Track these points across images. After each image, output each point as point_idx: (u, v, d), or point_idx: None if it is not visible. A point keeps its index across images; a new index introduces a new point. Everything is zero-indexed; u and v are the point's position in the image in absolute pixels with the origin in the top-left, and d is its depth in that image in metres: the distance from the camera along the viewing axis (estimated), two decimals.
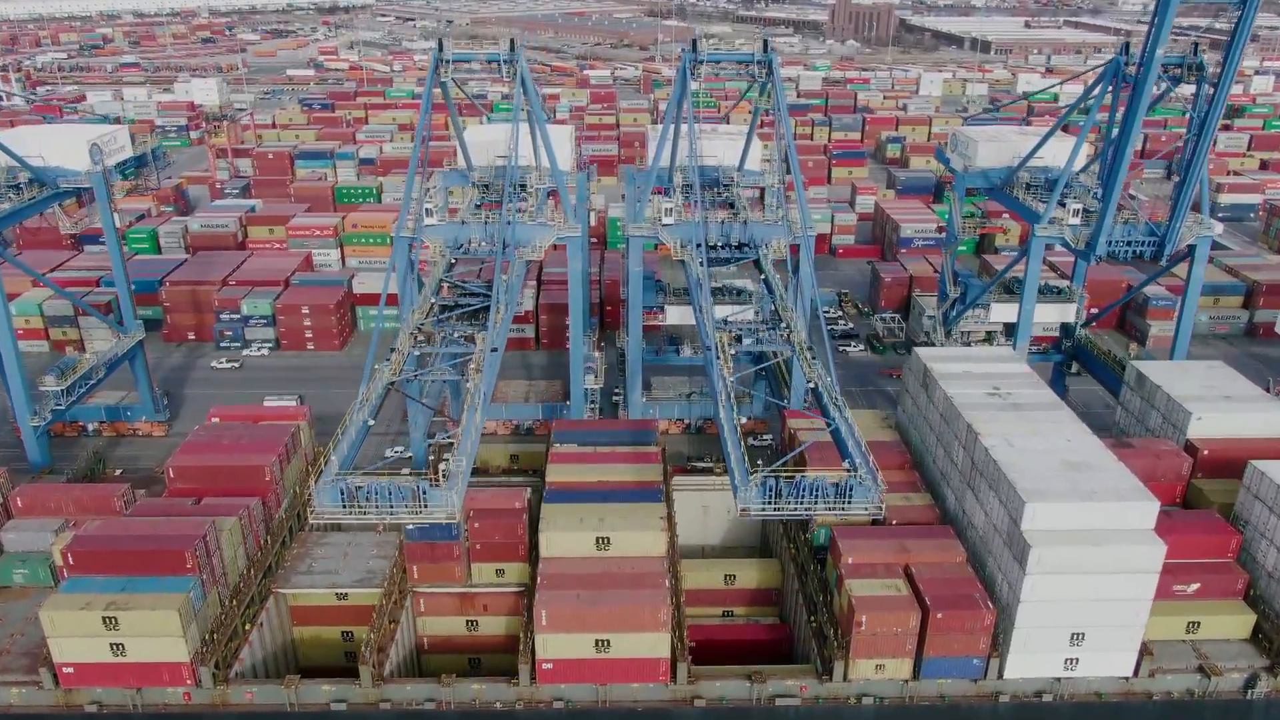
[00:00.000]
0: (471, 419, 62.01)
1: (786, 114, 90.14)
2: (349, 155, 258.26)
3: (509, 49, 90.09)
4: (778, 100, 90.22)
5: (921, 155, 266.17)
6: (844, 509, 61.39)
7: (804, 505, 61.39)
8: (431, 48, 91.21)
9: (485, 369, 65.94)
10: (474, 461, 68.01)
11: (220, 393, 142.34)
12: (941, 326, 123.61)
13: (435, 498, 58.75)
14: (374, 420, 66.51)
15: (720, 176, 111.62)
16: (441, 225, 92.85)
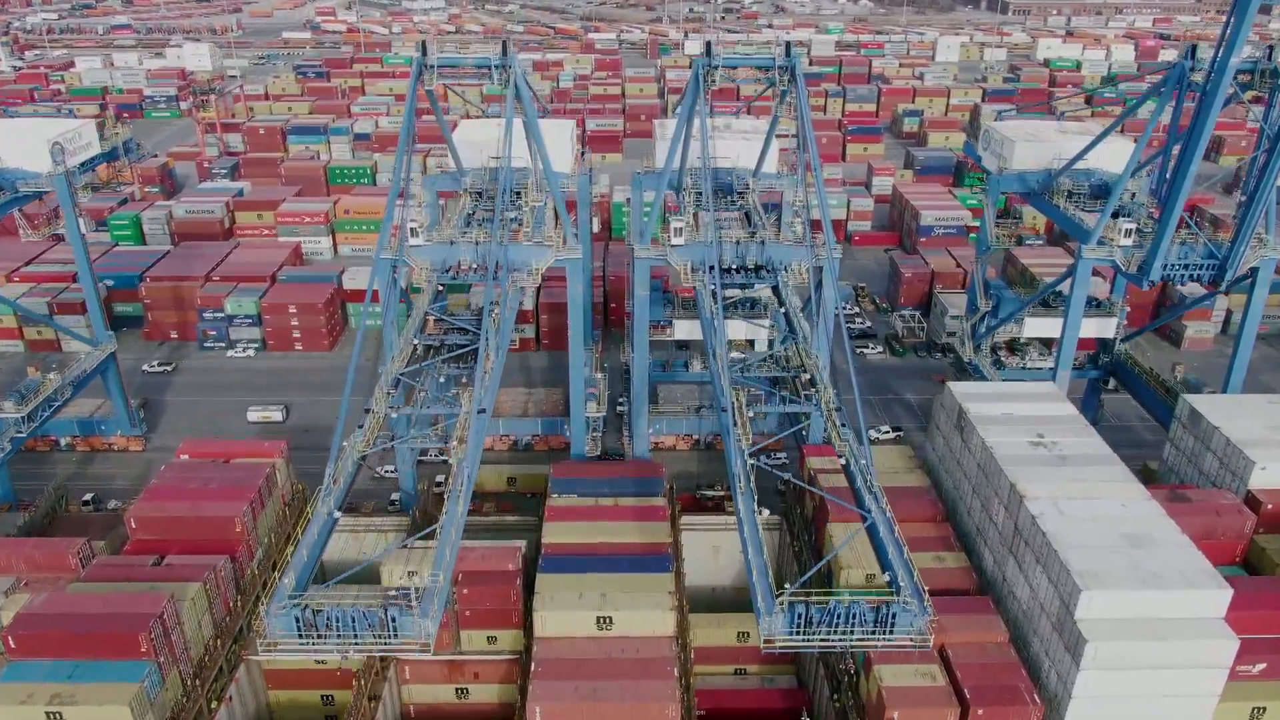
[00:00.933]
0: (454, 511, 53.96)
1: (810, 125, 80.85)
2: (343, 130, 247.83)
3: (501, 52, 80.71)
4: (800, 111, 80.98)
5: (940, 131, 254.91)
6: (885, 639, 53.58)
7: (838, 634, 53.44)
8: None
9: (471, 439, 58.04)
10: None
11: (202, 400, 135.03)
12: (970, 340, 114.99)
13: (407, 626, 51.12)
14: (340, 513, 58.57)
15: (734, 182, 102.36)
16: (427, 246, 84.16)
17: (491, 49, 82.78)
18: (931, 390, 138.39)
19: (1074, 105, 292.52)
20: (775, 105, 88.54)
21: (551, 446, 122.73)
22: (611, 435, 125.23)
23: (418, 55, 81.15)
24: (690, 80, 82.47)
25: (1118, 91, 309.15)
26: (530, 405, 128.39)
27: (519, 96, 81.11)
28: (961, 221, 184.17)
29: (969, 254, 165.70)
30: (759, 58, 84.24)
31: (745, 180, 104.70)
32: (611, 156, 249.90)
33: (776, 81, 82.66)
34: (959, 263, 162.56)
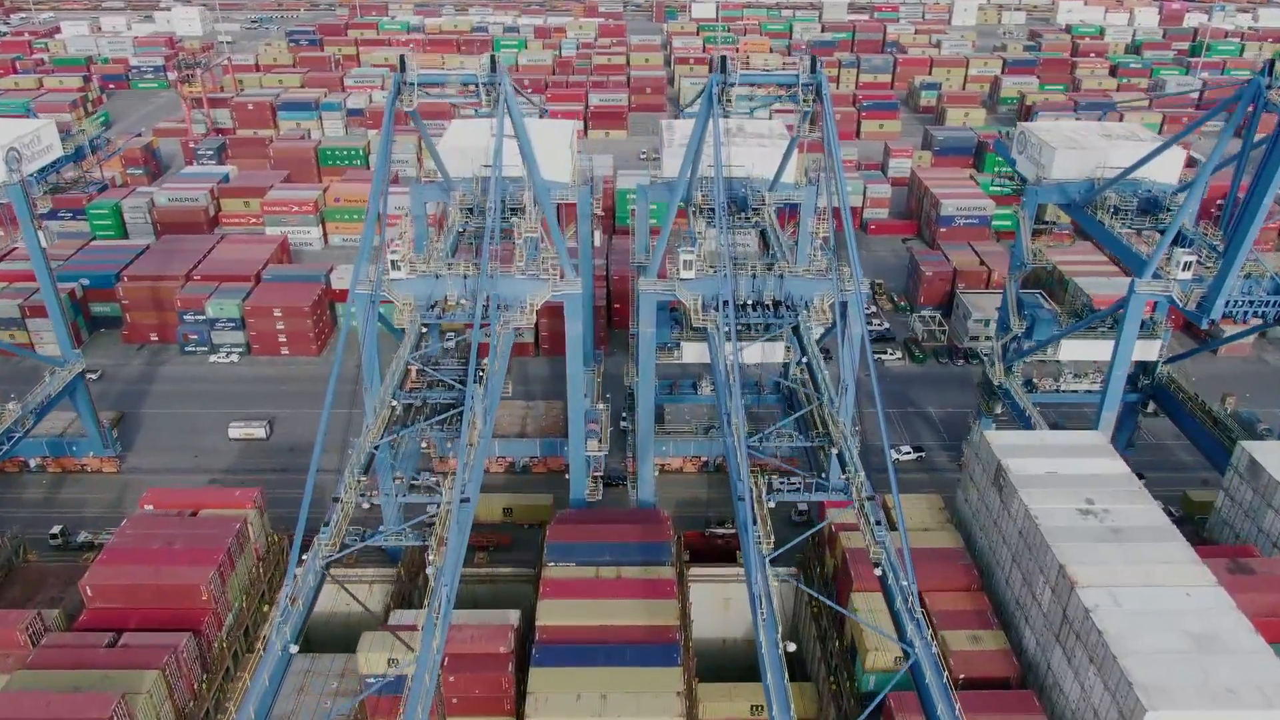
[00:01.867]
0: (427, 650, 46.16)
1: (837, 148, 71.92)
2: (335, 106, 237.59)
3: (489, 67, 71.78)
4: (828, 134, 72.06)
5: (959, 106, 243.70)
6: None
7: None
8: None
9: (452, 539, 50.46)
10: None
11: (182, 413, 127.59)
12: (1000, 361, 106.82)
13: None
14: (297, 647, 50.95)
15: (748, 195, 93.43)
16: (409, 280, 75.90)
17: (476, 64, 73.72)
18: (955, 402, 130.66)
19: (1098, 75, 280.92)
20: (798, 124, 79.22)
21: (551, 469, 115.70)
22: (615, 454, 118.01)
23: (395, 73, 72.13)
24: (703, 100, 73.46)
25: (1143, 61, 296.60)
26: (529, 421, 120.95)
27: (511, 117, 72.17)
28: (984, 211, 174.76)
29: (994, 251, 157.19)
30: (780, 74, 75.07)
31: (760, 193, 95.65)
32: (616, 134, 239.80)
33: (800, 100, 73.51)
34: (983, 259, 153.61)
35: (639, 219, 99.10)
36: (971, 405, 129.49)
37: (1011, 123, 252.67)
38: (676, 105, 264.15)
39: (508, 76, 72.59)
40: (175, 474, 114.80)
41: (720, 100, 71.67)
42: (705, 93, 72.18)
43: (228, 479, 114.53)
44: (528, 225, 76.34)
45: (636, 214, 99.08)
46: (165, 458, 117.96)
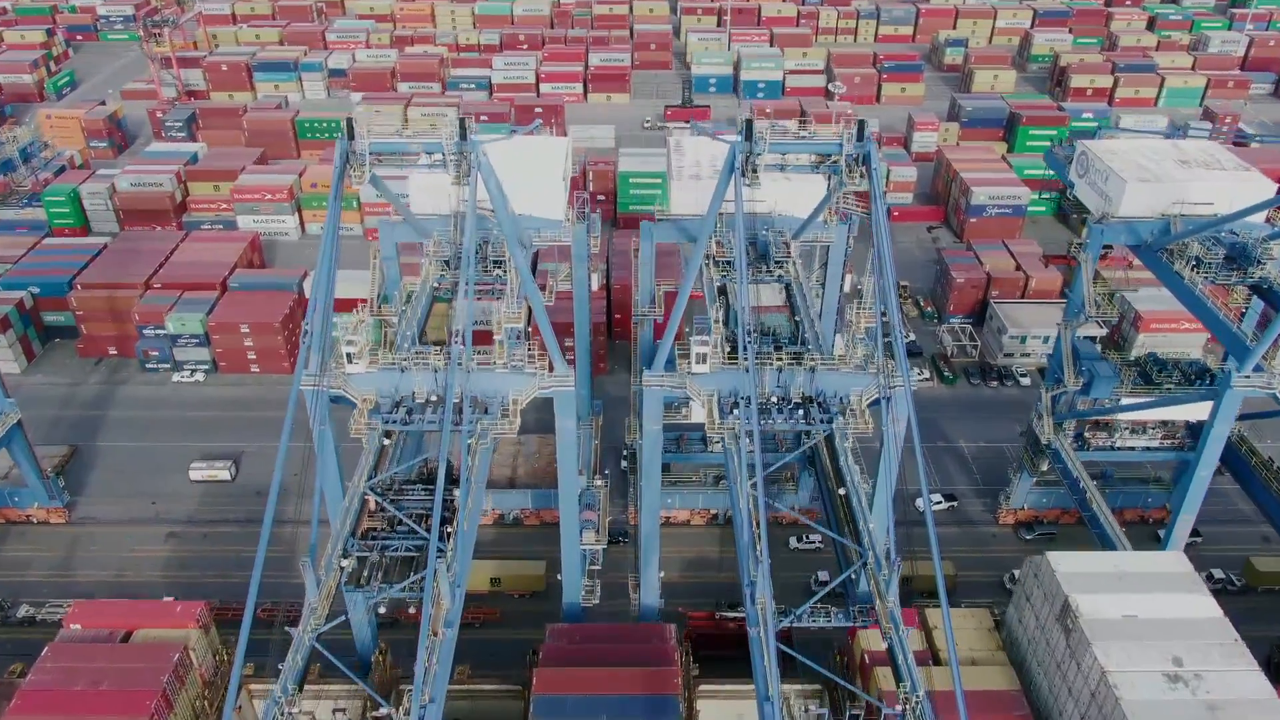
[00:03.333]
0: None
1: (886, 235, 58.80)
2: (316, 67, 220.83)
3: (458, 132, 58.28)
4: (876, 218, 58.82)
5: (988, 67, 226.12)
6: None
7: None
8: None
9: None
10: None
11: (139, 446, 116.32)
12: (1049, 416, 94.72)
13: None
14: None
15: (771, 240, 79.89)
16: (369, 374, 63.56)
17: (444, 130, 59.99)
18: (989, 434, 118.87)
19: (1134, 28, 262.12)
20: (835, 194, 65.76)
21: (545, 520, 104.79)
22: (617, 500, 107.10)
23: (342, 139, 58.66)
24: (724, 168, 59.97)
25: (1183, 12, 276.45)
26: (519, 462, 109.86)
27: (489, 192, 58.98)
28: (1019, 201, 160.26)
29: (1031, 253, 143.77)
30: (820, 143, 61.23)
31: (783, 232, 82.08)
32: (618, 97, 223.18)
33: (843, 172, 60.01)
34: (1019, 263, 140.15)
35: (643, 265, 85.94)
36: (1007, 438, 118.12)
37: (1043, 84, 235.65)
38: (682, 62, 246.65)
39: (480, 144, 58.82)
40: (131, 526, 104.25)
41: (744, 172, 57.96)
42: (726, 163, 58.60)
43: (187, 532, 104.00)
44: (509, 314, 63.50)
45: (639, 258, 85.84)
46: (120, 506, 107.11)
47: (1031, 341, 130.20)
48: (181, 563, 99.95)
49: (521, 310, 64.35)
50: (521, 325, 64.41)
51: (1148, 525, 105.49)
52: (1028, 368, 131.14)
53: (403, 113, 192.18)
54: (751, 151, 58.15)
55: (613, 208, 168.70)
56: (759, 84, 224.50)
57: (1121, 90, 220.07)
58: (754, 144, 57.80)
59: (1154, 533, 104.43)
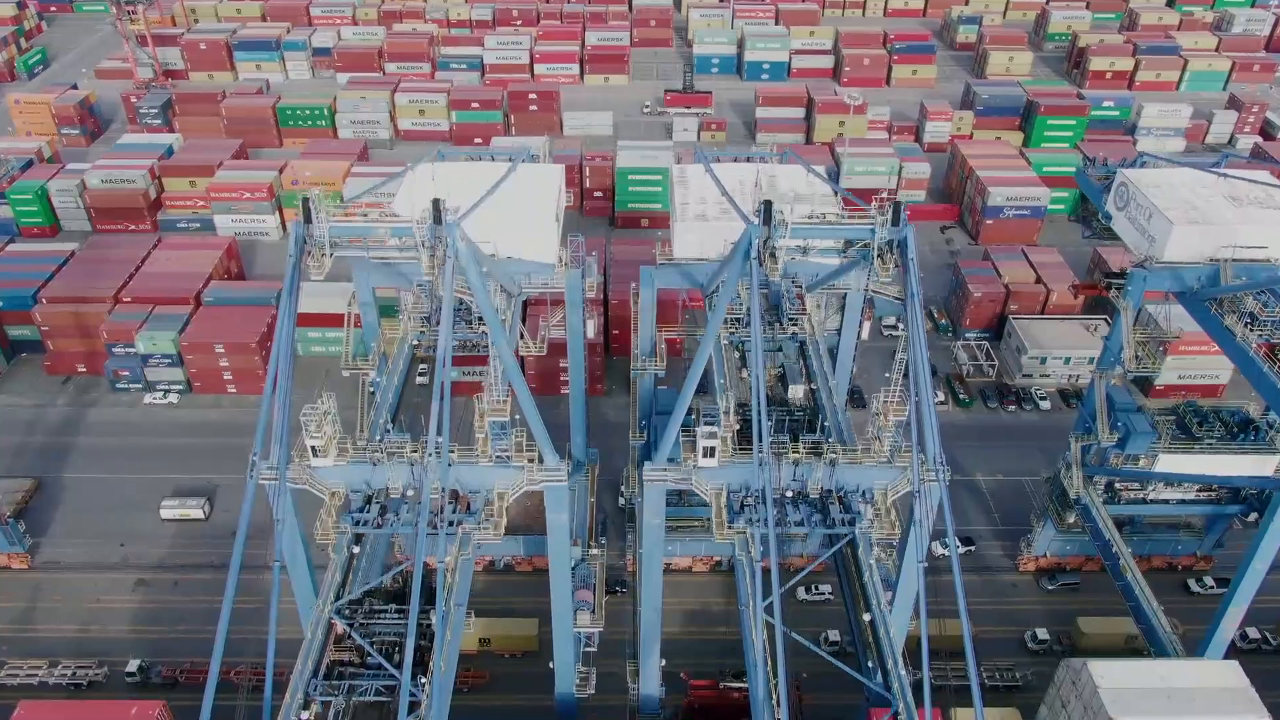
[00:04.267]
0: None
1: (921, 335, 51.69)
2: (300, 45, 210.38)
3: (432, 215, 50.72)
4: (912, 315, 51.55)
5: (1003, 48, 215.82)
6: None
7: None
8: None
9: None
10: None
11: (108, 478, 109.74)
12: (1079, 469, 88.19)
13: None
14: None
15: (784, 292, 72.56)
16: (334, 468, 56.68)
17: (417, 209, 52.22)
18: (1008, 465, 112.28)
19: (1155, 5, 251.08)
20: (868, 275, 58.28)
21: (538, 567, 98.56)
22: (615, 539, 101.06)
23: (297, 222, 51.05)
24: (736, 253, 52.48)
25: None
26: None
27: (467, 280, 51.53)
28: (1038, 202, 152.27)
29: (1052, 263, 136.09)
30: (849, 227, 53.67)
31: (798, 281, 74.80)
32: (616, 78, 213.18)
33: (873, 258, 52.59)
34: (1039, 275, 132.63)
35: (643, 312, 78.53)
36: (1027, 471, 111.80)
37: (1060, 65, 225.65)
38: (683, 39, 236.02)
39: (458, 228, 51.19)
40: (97, 573, 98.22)
41: (761, 261, 50.55)
42: (739, 248, 51.19)
43: (158, 578, 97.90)
44: (492, 404, 56.44)
45: (639, 304, 78.39)
46: (86, 548, 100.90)
47: (1052, 362, 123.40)
48: (151, 615, 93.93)
49: (506, 401, 57.26)
50: (507, 419, 57.33)
51: (1176, 572, 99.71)
52: (1047, 389, 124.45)
53: (390, 99, 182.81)
54: (770, 236, 50.60)
55: (610, 205, 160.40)
56: (763, 65, 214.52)
57: (1142, 73, 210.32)
58: (772, 230, 50.30)
59: (1183, 581, 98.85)
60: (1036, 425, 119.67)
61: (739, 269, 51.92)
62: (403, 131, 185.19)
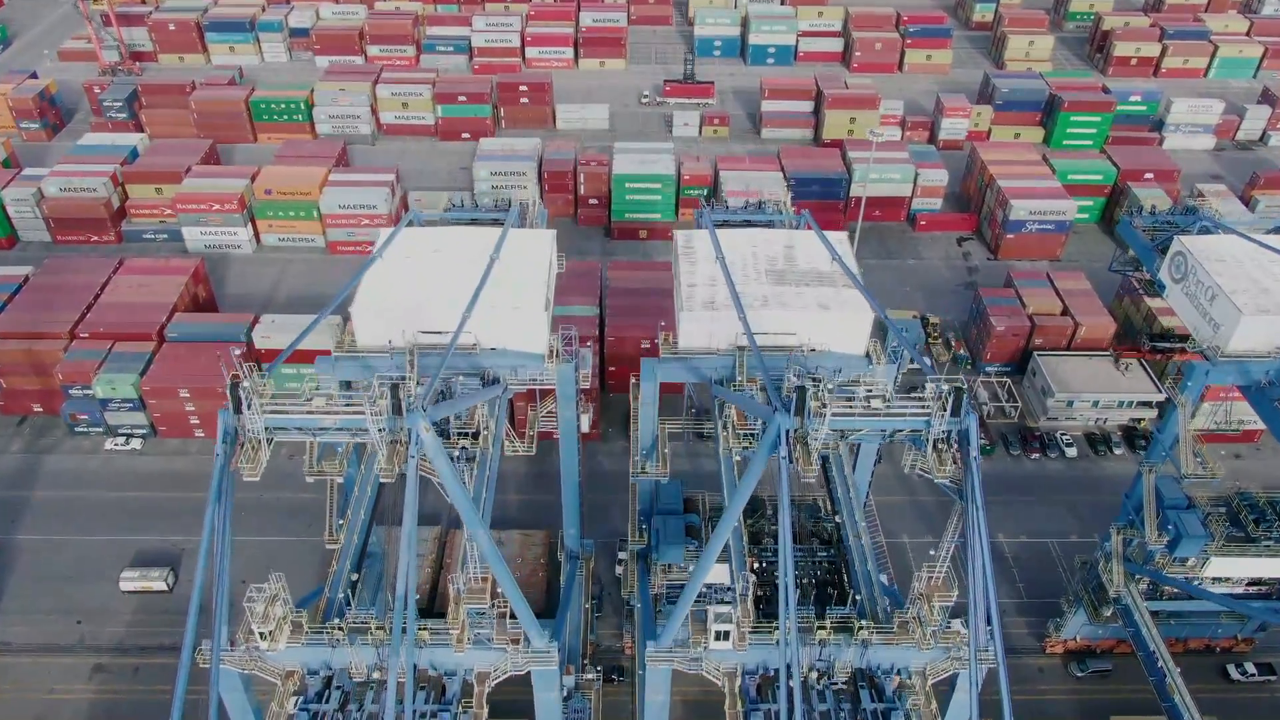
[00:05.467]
0: None
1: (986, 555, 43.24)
2: (275, 26, 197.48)
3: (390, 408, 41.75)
4: (971, 519, 43.10)
5: (1022, 31, 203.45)
6: None
7: None
8: None
9: None
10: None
11: (65, 540, 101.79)
12: (1120, 564, 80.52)
13: None
14: None
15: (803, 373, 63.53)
16: (291, 649, 48.62)
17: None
18: (1034, 526, 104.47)
19: None
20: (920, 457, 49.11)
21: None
22: (611, 614, 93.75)
23: (225, 413, 42.11)
24: (762, 445, 43.83)
25: None
26: None
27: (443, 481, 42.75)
28: (1063, 216, 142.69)
29: (1080, 291, 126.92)
30: (900, 418, 44.78)
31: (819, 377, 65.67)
32: (612, 63, 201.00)
33: (927, 448, 43.93)
34: (1067, 307, 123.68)
35: (643, 408, 69.87)
36: (1055, 532, 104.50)
37: (1081, 47, 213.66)
38: (684, 16, 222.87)
39: (422, 418, 42.28)
40: (52, 656, 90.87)
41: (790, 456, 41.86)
42: (764, 440, 42.45)
43: (117, 664, 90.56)
44: (471, 587, 48.13)
45: (639, 400, 69.73)
46: (40, 627, 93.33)
47: (1080, 404, 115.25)
48: (109, 709, 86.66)
49: (486, 585, 48.92)
50: (486, 604, 49.03)
51: (1214, 655, 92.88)
52: (1073, 433, 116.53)
53: (371, 91, 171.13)
54: (799, 431, 41.90)
55: (606, 214, 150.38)
56: (769, 49, 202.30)
57: (1169, 60, 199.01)
58: (806, 420, 41.55)
59: (1221, 665, 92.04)
60: (1063, 477, 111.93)
61: (763, 461, 43.31)
62: (385, 126, 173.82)
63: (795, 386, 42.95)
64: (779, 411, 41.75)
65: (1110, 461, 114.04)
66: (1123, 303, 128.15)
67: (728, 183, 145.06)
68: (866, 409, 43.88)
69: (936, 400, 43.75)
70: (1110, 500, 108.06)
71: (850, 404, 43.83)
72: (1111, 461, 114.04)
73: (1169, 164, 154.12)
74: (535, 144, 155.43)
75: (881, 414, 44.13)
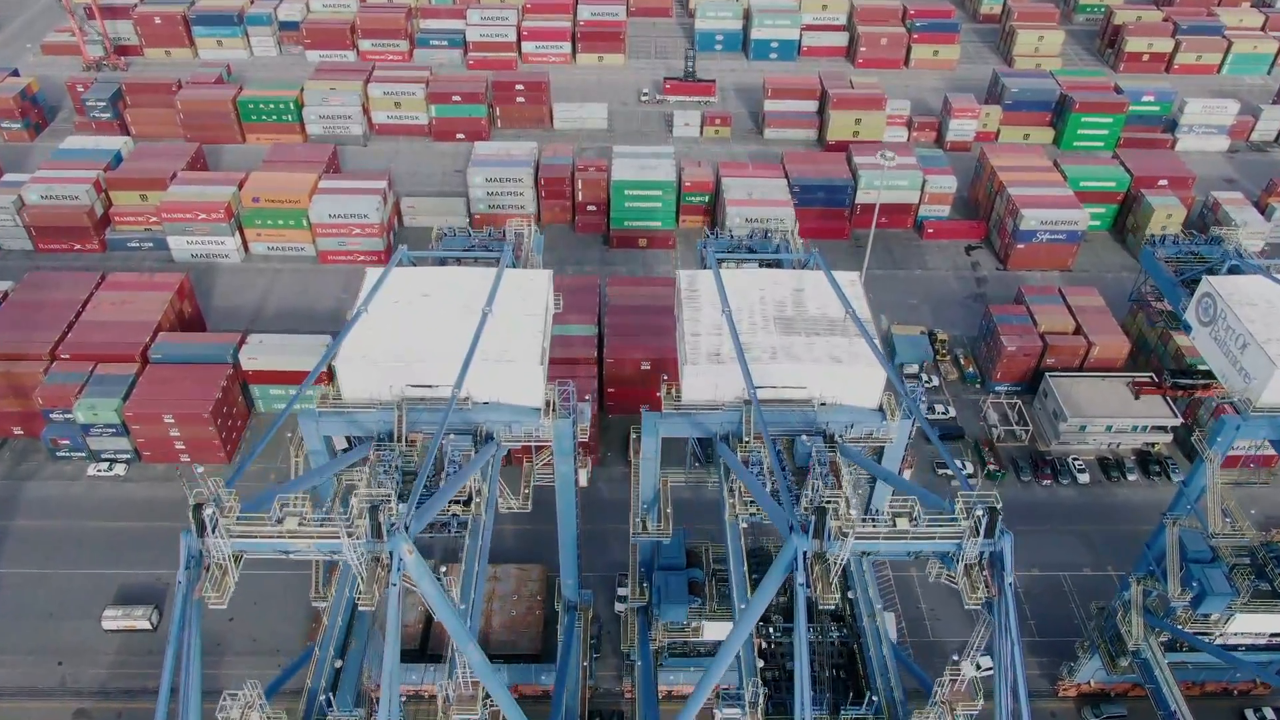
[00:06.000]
0: None
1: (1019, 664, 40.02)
2: (264, 19, 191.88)
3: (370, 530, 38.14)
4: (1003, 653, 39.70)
5: (1031, 26, 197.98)
6: None
7: None
8: None
9: None
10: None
11: (45, 574, 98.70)
12: (1140, 616, 77.39)
13: None
14: None
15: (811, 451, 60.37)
16: None
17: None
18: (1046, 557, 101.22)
19: None
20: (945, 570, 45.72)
21: (524, 694, 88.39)
22: (609, 654, 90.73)
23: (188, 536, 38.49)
24: (775, 567, 40.31)
25: None
26: (494, 607, 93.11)
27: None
28: (1075, 226, 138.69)
29: (1093, 307, 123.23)
30: (928, 540, 41.31)
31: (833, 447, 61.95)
32: (610, 58, 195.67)
33: (957, 567, 40.47)
34: (1079, 325, 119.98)
35: (644, 464, 66.41)
36: (1066, 565, 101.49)
37: (1091, 41, 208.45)
38: (684, 8, 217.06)
39: (405, 542, 38.72)
40: (32, 701, 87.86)
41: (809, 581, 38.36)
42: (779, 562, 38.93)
43: (100, 709, 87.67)
44: (458, 695, 44.75)
45: (640, 457, 66.24)
46: (20, 669, 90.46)
47: (1092, 429, 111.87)
48: None
49: (477, 691, 45.56)
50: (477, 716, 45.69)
51: (1231, 698, 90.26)
52: (1085, 458, 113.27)
53: (362, 90, 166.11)
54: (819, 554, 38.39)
55: (605, 221, 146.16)
56: (772, 43, 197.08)
57: (1182, 56, 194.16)
58: (826, 538, 38.04)
59: (1239, 709, 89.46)
60: (1075, 504, 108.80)
61: (777, 583, 39.90)
62: (377, 126, 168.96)
63: (814, 508, 39.22)
64: (795, 532, 38.33)
65: (1123, 488, 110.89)
66: (1136, 319, 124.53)
67: (729, 191, 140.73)
68: (892, 530, 40.40)
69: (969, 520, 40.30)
70: (1124, 530, 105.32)
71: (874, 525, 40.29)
72: (1125, 488, 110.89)
73: (1183, 170, 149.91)
74: (531, 148, 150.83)
75: (909, 535, 40.69)
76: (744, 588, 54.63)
